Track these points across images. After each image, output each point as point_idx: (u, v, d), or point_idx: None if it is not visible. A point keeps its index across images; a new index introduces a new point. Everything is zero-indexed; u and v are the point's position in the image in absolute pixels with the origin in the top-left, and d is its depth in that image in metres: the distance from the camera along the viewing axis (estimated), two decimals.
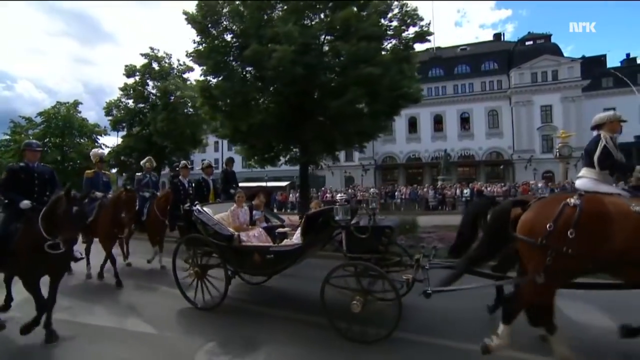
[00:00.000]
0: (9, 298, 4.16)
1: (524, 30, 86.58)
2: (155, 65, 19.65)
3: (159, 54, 20.34)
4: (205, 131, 17.98)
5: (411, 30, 10.40)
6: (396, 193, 18.72)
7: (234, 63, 10.42)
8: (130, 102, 19.35)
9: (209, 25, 10.15)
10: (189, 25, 10.18)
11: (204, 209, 4.52)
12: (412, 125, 38.04)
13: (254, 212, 5.08)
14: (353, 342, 3.23)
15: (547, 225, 2.50)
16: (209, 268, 4.48)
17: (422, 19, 10.30)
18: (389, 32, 10.02)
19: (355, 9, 9.73)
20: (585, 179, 3.23)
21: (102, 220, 5.76)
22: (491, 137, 35.54)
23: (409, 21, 10.04)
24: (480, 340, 2.86)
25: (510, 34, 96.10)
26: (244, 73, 10.49)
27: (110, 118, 19.75)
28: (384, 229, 3.51)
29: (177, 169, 8.41)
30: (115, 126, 20.00)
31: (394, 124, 38.30)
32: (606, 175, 3.10)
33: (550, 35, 34.91)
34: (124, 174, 21.73)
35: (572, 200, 2.53)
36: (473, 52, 38.05)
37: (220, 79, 10.34)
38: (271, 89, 10.04)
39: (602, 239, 2.41)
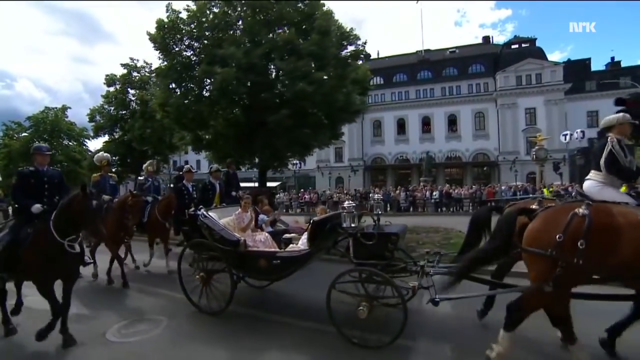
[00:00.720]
0: (19, 302, 4.15)
1: (524, 30, 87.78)
2: (135, 74, 20.23)
3: (139, 64, 21.01)
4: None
5: (350, 49, 11.51)
6: (370, 195, 19.31)
7: (189, 81, 11.21)
8: (112, 109, 19.79)
9: (169, 45, 10.92)
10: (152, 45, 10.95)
11: (210, 213, 4.47)
12: (401, 126, 38.68)
13: (261, 216, 5.02)
14: (358, 348, 3.24)
15: (557, 236, 2.45)
16: (215, 273, 4.42)
17: (358, 39, 11.32)
18: (328, 51, 10.74)
19: (296, 29, 10.68)
20: (591, 182, 3.21)
21: (108, 223, 5.72)
22: (478, 139, 36.25)
23: (345, 43, 10.91)
24: (476, 345, 2.94)
25: (510, 34, 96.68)
26: (197, 90, 11.27)
27: (93, 124, 20.28)
28: (390, 236, 3.53)
29: (181, 173, 8.39)
30: (97, 132, 20.54)
31: (383, 125, 39.16)
32: (613, 179, 3.07)
33: (535, 39, 35.66)
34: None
35: (581, 211, 2.48)
36: (461, 55, 38.72)
37: (178, 94, 11.17)
38: (220, 105, 10.83)
39: (612, 249, 2.38)
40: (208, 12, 10.99)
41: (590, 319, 2.94)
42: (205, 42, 10.85)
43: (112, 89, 18.88)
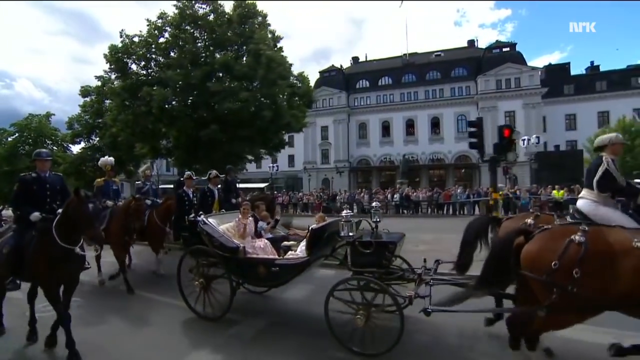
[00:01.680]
0: (32, 317, 4.01)
1: (524, 30, 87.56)
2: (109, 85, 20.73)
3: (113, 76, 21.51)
4: None
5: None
6: (337, 197, 20.18)
7: (137, 100, 12.36)
8: (88, 117, 20.71)
9: (122, 67, 12.19)
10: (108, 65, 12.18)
11: (209, 220, 4.47)
12: (386, 129, 39.52)
13: (261, 223, 5.05)
14: (356, 356, 3.27)
15: (552, 263, 2.44)
16: (214, 279, 4.42)
17: (286, 63, 12.54)
18: (257, 73, 11.91)
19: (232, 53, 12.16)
20: (585, 201, 3.19)
21: (113, 228, 5.81)
22: (460, 141, 36.95)
23: (273, 65, 11.96)
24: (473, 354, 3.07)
25: (510, 34, 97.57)
26: (144, 108, 12.35)
27: (70, 132, 21.28)
28: (387, 245, 3.55)
29: (182, 179, 8.29)
30: (73, 139, 21.57)
31: (368, 127, 39.98)
32: (606, 198, 3.05)
33: (515, 44, 36.48)
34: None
35: (577, 237, 2.45)
36: (445, 58, 39.55)
37: (127, 111, 12.41)
38: (162, 121, 12.13)
39: (608, 278, 2.35)
40: (152, 39, 12.35)
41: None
42: (153, 64, 12.23)
43: (88, 99, 19.83)
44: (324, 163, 40.78)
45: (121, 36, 12.14)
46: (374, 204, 4.60)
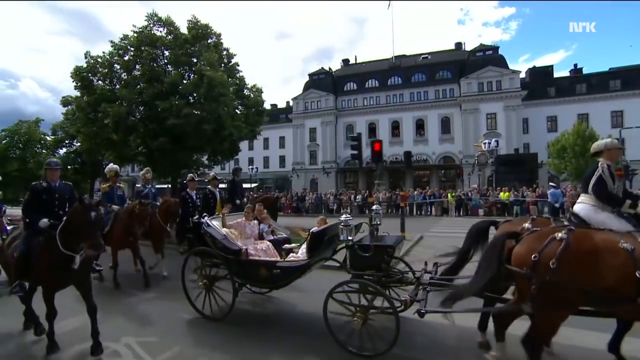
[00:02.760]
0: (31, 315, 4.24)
1: (528, 28, 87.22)
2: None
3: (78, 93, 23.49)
4: None
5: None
6: (306, 197, 21.24)
7: (98, 114, 13.91)
8: (69, 124, 22.24)
9: (87, 84, 13.85)
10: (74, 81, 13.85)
11: (213, 222, 4.53)
12: (372, 130, 40.36)
13: (262, 225, 5.13)
14: (355, 357, 3.32)
15: (532, 256, 2.56)
16: (217, 279, 4.52)
17: (227, 83, 13.97)
18: (200, 91, 13.38)
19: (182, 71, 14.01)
20: (583, 205, 3.21)
21: (115, 230, 6.06)
22: (444, 143, 37.91)
23: (214, 84, 13.30)
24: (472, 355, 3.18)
25: (514, 32, 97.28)
26: (105, 121, 13.93)
27: (53, 137, 22.95)
28: (386, 248, 3.60)
29: (185, 182, 8.36)
30: (57, 145, 23.28)
31: (355, 129, 40.93)
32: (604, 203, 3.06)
33: (498, 47, 37.23)
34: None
35: (560, 235, 2.56)
36: (431, 61, 40.36)
37: (89, 124, 14.13)
38: (118, 134, 13.86)
39: (589, 273, 2.40)
40: (117, 57, 14.06)
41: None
42: (115, 81, 13.94)
43: (69, 107, 21.27)
44: (312, 164, 41.80)
45: (86, 57, 13.86)
46: (374, 207, 4.57)
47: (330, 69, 44.75)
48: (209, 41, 15.03)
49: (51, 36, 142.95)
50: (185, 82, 13.78)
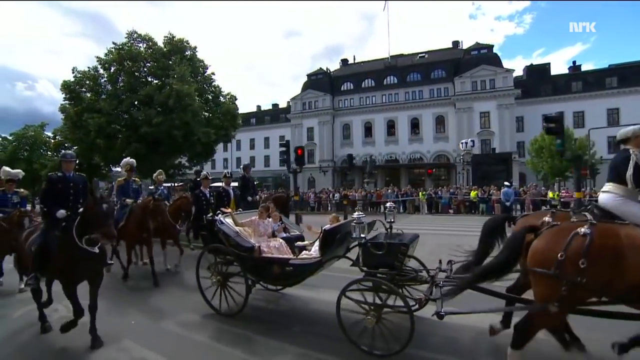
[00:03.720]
0: (49, 299, 4.39)
1: (544, 21, 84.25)
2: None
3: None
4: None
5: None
6: (292, 197, 22.31)
7: (83, 122, 15.73)
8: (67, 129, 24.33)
9: (74, 96, 15.70)
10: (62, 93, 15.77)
11: (226, 220, 4.57)
12: (368, 129, 41.10)
13: (273, 224, 5.15)
14: (368, 356, 3.28)
15: (559, 255, 2.45)
16: (231, 276, 4.57)
17: (193, 95, 15.51)
18: (169, 102, 15.05)
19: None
20: (609, 195, 3.07)
21: (130, 225, 6.12)
22: (438, 141, 38.25)
23: (181, 95, 14.99)
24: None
25: (528, 25, 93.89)
26: (88, 129, 15.78)
27: (54, 140, 24.91)
28: (400, 246, 3.52)
29: (198, 180, 8.50)
30: (57, 148, 25.22)
31: (352, 128, 41.71)
32: (633, 192, 2.93)
33: (492, 45, 37.24)
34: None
35: (582, 230, 2.46)
36: (426, 60, 40.67)
37: (76, 132, 16.07)
38: (101, 140, 15.73)
39: (615, 270, 2.35)
40: (104, 70, 16.04)
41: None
42: (100, 93, 15.71)
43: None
44: (310, 163, 42.58)
45: (73, 72, 15.99)
46: (388, 204, 4.42)
47: (328, 69, 45.61)
48: (186, 53, 16.57)
49: (66, 38, 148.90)
50: (160, 93, 15.45)
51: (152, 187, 8.33)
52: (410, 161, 39.01)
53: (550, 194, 15.14)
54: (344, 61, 48.37)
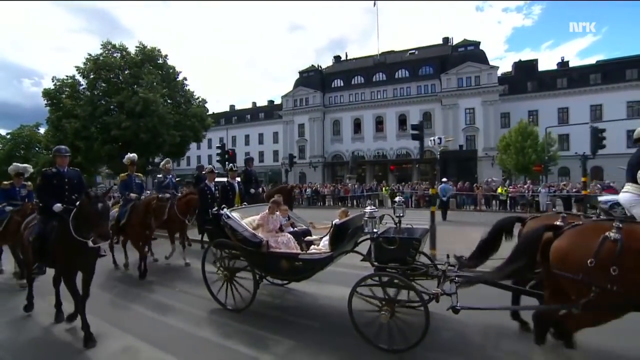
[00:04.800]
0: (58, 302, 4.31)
1: (553, 12, 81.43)
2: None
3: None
4: None
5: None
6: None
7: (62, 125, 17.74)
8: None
9: (55, 102, 17.63)
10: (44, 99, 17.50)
11: (233, 214, 4.50)
12: (357, 126, 41.93)
13: (281, 218, 5.05)
14: (381, 351, 3.23)
15: (589, 261, 2.37)
16: (237, 271, 4.49)
17: (158, 101, 17.53)
18: (136, 109, 16.76)
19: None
20: (628, 195, 3.02)
21: (133, 222, 6.10)
22: (425, 137, 38.79)
23: (147, 102, 16.69)
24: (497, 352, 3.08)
25: (537, 17, 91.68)
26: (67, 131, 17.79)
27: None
28: (412, 241, 3.48)
29: (203, 173, 8.33)
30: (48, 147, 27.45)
31: (342, 125, 42.57)
32: None
33: (479, 42, 37.55)
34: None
35: (612, 234, 2.37)
36: (415, 57, 41.19)
37: (57, 134, 18.01)
38: (79, 142, 17.26)
39: None
40: (83, 77, 17.93)
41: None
42: (79, 99, 17.62)
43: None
44: (301, 158, 43.72)
45: (53, 81, 18.19)
46: (397, 198, 4.32)
47: (319, 66, 46.34)
48: (159, 61, 18.00)
49: (71, 34, 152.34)
50: (130, 100, 17.31)
51: (160, 176, 8.34)
52: (397, 157, 39.77)
53: (499, 190, 15.98)
54: (337, 58, 49.05)
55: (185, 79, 20.18)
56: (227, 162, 12.21)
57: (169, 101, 19.02)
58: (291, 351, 3.40)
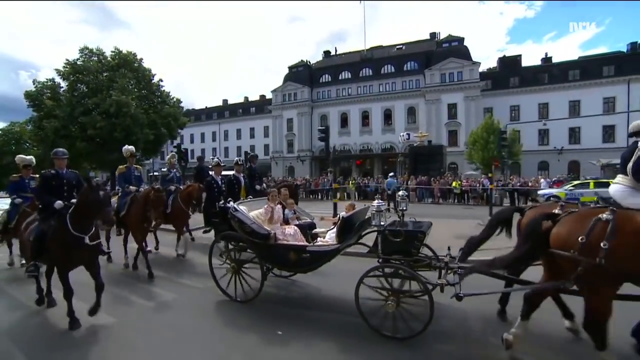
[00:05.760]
0: (49, 294, 4.49)
1: (556, 3, 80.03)
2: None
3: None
4: None
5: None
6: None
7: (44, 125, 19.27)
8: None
9: (36, 104, 19.20)
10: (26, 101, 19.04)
11: (240, 207, 4.54)
12: (344, 120, 42.73)
13: (286, 211, 5.12)
14: (387, 339, 3.34)
15: (580, 238, 2.55)
16: (245, 263, 4.54)
17: (130, 103, 19.37)
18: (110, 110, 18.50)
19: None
20: (618, 186, 3.13)
21: (132, 215, 6.05)
22: (409, 132, 39.62)
23: (120, 104, 18.31)
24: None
25: (540, 7, 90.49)
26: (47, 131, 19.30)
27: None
28: (417, 234, 3.59)
29: (210, 167, 8.63)
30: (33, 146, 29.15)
31: (329, 119, 43.36)
32: (638, 183, 2.98)
33: (463, 38, 38.07)
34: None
35: (605, 216, 2.55)
36: (401, 52, 41.73)
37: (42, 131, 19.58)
38: (60, 140, 18.87)
39: (635, 253, 2.41)
40: (64, 79, 19.57)
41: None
42: (57, 100, 19.20)
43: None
44: (289, 152, 44.82)
45: (34, 83, 19.94)
46: (400, 192, 4.47)
47: (308, 61, 46.98)
48: (135, 65, 19.50)
49: (69, 25, 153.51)
50: (105, 102, 18.93)
51: (165, 170, 8.43)
52: (382, 151, 40.62)
53: (454, 184, 16.95)
54: (327, 53, 49.58)
55: (160, 80, 22.26)
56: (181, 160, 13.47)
57: (145, 101, 20.88)
58: (296, 339, 3.46)
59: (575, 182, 15.87)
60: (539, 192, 15.00)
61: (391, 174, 15.77)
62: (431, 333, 3.32)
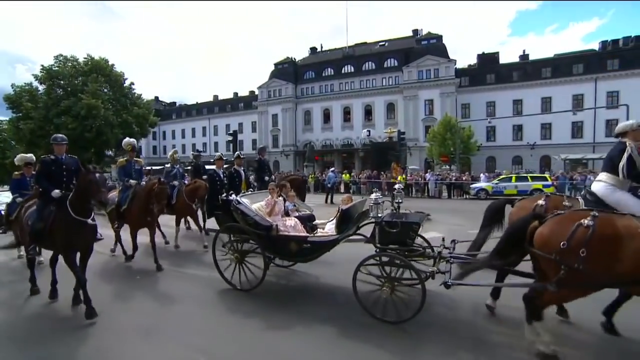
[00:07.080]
0: (54, 281, 4.53)
1: None
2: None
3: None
4: None
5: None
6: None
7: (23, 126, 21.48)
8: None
9: (15, 106, 21.25)
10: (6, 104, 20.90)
11: (243, 199, 4.68)
12: (327, 116, 43.82)
13: (287, 203, 5.25)
14: (382, 323, 3.51)
15: (561, 243, 2.62)
16: (247, 253, 4.69)
17: (100, 107, 21.52)
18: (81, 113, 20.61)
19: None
20: (602, 184, 3.24)
21: (134, 208, 6.01)
22: (388, 127, 40.60)
23: (90, 107, 20.57)
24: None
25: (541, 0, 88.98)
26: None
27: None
28: (412, 225, 3.80)
29: (212, 160, 8.62)
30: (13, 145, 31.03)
31: (312, 115, 44.44)
32: (624, 182, 3.12)
33: (442, 36, 38.85)
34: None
35: (586, 222, 2.60)
36: (382, 49, 42.57)
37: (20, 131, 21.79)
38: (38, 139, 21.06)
39: (613, 259, 2.50)
40: (41, 83, 21.77)
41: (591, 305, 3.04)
42: (34, 102, 21.34)
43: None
44: (275, 147, 46.01)
45: (12, 87, 22.09)
46: (396, 186, 4.63)
47: (294, 58, 47.93)
48: (107, 70, 22.20)
49: (65, 17, 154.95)
50: (77, 105, 20.95)
51: (168, 166, 8.57)
52: (363, 146, 41.66)
53: (399, 178, 18.14)
54: (313, 49, 50.44)
55: (132, 83, 25.08)
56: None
57: (117, 104, 23.15)
58: (295, 325, 3.63)
59: (501, 177, 17.14)
60: (471, 186, 16.20)
61: (332, 168, 16.97)
62: (420, 319, 3.47)
